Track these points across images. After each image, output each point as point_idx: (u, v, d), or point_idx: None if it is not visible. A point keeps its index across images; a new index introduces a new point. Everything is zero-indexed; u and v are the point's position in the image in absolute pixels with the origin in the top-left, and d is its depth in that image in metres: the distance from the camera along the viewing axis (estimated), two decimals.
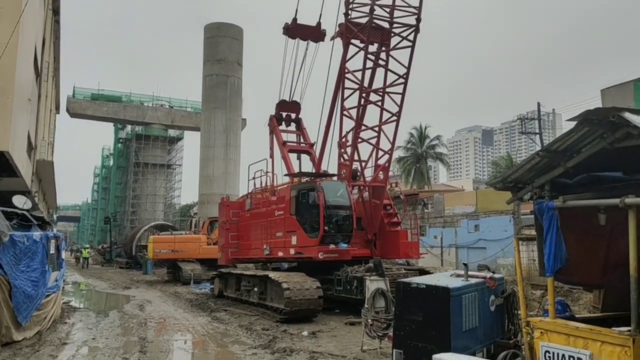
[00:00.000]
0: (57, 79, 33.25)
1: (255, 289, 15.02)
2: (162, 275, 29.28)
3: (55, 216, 70.74)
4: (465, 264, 7.62)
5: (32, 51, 16.07)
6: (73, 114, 55.49)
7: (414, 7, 14.47)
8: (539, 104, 37.19)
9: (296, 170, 17.55)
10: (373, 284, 9.69)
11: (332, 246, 13.82)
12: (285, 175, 17.27)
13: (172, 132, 60.91)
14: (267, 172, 16.80)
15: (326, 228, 13.88)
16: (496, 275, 7.61)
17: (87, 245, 48.40)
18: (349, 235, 14.34)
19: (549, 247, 5.74)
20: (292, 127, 19.33)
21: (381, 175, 15.60)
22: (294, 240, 14.63)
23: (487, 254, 23.13)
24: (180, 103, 60.70)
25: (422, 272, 13.86)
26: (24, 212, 11.10)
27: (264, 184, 17.11)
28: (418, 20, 14.49)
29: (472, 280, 7.04)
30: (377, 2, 14.38)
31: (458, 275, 7.29)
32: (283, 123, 19.09)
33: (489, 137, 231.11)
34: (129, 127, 62.95)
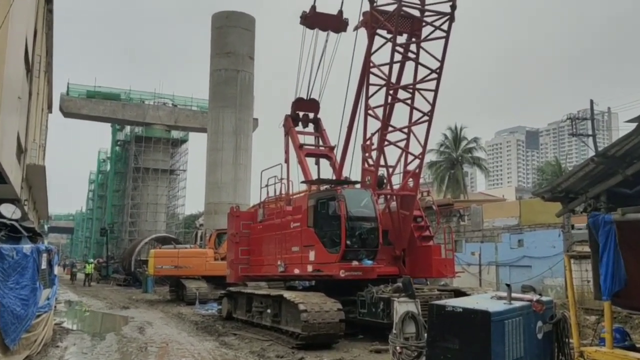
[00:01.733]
0: (50, 75, 33.88)
1: (269, 311, 15.04)
2: (164, 294, 29.51)
3: (46, 227, 71.98)
4: (507, 285, 7.53)
5: (23, 43, 16.39)
6: (67, 114, 56.45)
7: None
8: (592, 102, 36.71)
9: (314, 176, 17.56)
10: (402, 306, 9.63)
11: (355, 263, 13.78)
12: (302, 182, 17.32)
13: (175, 134, 61.56)
14: (281, 178, 16.86)
15: (348, 242, 13.85)
16: (544, 298, 7.51)
17: (92, 260, 48.83)
18: (374, 251, 14.29)
19: (606, 266, 5.65)
20: (310, 128, 19.41)
21: (411, 183, 15.54)
22: (312, 255, 14.63)
23: (532, 273, 22.84)
24: (185, 101, 61.37)
25: (458, 293, 13.73)
26: (13, 223, 11.29)
27: (278, 192, 17.17)
28: (453, 7, 14.46)
29: (516, 304, 6.96)
30: None
31: (500, 298, 7.21)
32: (300, 123, 19.16)
33: (534, 139, 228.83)
34: (127, 128, 63.82)
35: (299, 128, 19.06)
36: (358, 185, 15.60)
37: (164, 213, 61.34)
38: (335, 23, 18.64)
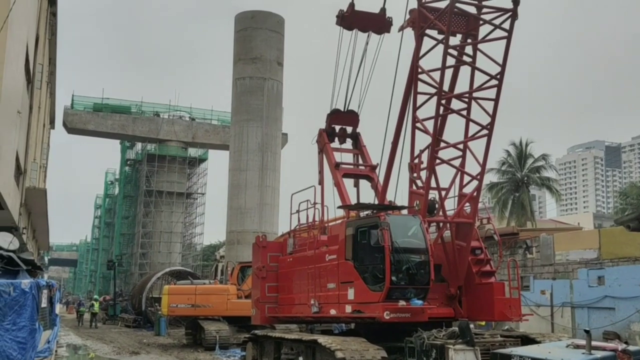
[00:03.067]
0: (53, 86, 34.94)
1: (300, 359, 14.97)
2: (180, 337, 29.70)
3: (47, 259, 73.62)
4: (586, 331, 7.36)
5: (23, 51, 16.95)
6: (71, 129, 57.97)
7: None
8: None
9: (353, 200, 17.54)
10: (458, 355, 9.50)
11: (402, 303, 13.66)
12: (339, 207, 17.30)
13: (193, 152, 62.55)
14: (315, 203, 16.87)
15: (394, 278, 13.75)
16: (631, 348, 7.33)
17: (98, 297, 49.55)
18: (424, 289, 14.16)
19: None
20: (348, 144, 19.42)
21: (468, 208, 15.39)
22: (350, 294, 14.54)
23: (616, 316, 22.22)
24: (204, 114, 62.41)
25: (526, 340, 13.44)
26: (10, 254, 11.53)
27: (311, 219, 17.17)
28: (516, 2, 14.41)
29: (598, 354, 6.80)
30: None
31: (577, 347, 7.06)
32: (336, 139, 19.19)
33: (615, 156, 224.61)
34: (139, 145, 65.14)
35: (336, 144, 19.09)
36: (405, 211, 15.50)
37: (180, 243, 62.11)
38: (376, 23, 18.74)
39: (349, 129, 19.40)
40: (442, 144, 15.23)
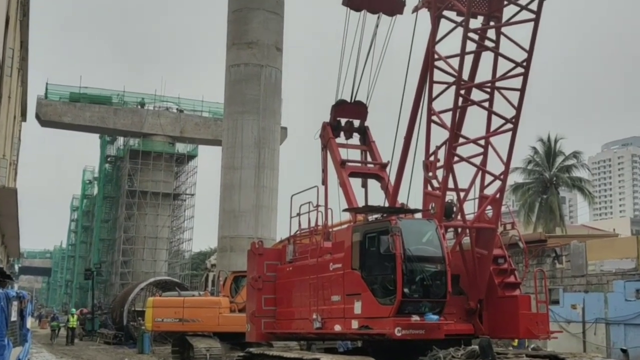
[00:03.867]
0: (25, 73, 34.99)
1: None
2: (165, 356, 29.69)
3: (17, 267, 73.66)
4: (623, 350, 7.35)
5: None
6: (45, 122, 58.03)
7: None
8: None
9: (361, 203, 17.53)
10: None
11: (415, 318, 13.63)
12: (345, 210, 17.26)
13: (181, 147, 62.53)
14: (317, 205, 16.84)
15: (406, 290, 13.72)
16: None
17: (74, 310, 49.58)
18: (440, 302, 14.13)
19: None
20: (355, 139, 19.41)
21: (490, 212, 15.37)
22: (357, 307, 14.52)
23: None
24: (194, 105, 62.41)
25: (555, 359, 13.44)
26: None
27: (313, 224, 17.15)
28: None
29: None
30: None
31: None
32: (342, 134, 19.19)
33: None
34: (121, 140, 65.17)
35: (341, 140, 19.08)
36: (419, 215, 15.49)
37: (166, 250, 62.12)
38: (388, 3, 18.70)
39: (357, 123, 19.37)
40: (461, 140, 15.21)
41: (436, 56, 15.20)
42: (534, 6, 14.45)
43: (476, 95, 15.24)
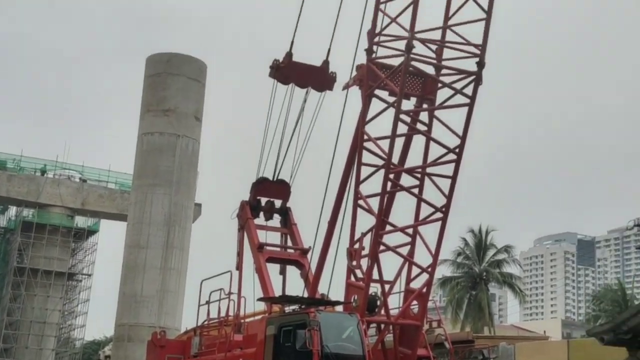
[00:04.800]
0: None
1: None
2: None
3: None
4: None
5: None
6: None
7: (475, 45, 14.90)
8: None
9: (278, 292, 17.35)
10: None
11: None
12: (260, 299, 17.10)
13: (81, 221, 61.10)
14: (230, 293, 16.62)
15: None
16: None
17: None
18: None
19: None
20: (276, 221, 19.38)
21: (415, 308, 15.41)
22: None
23: None
24: (100, 175, 61.37)
25: None
26: None
27: (223, 313, 16.87)
28: (481, 65, 14.86)
29: None
30: (419, 35, 14.82)
31: None
32: (261, 214, 19.13)
33: (589, 252, 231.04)
34: (12, 210, 63.23)
35: (261, 220, 19.02)
36: (340, 308, 15.38)
37: (55, 337, 59.64)
38: (317, 78, 19.05)
39: (278, 203, 19.38)
40: (388, 227, 15.32)
41: (365, 137, 15.35)
42: (468, 90, 14.89)
43: (406, 180, 15.44)
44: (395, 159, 15.21)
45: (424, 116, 15.48)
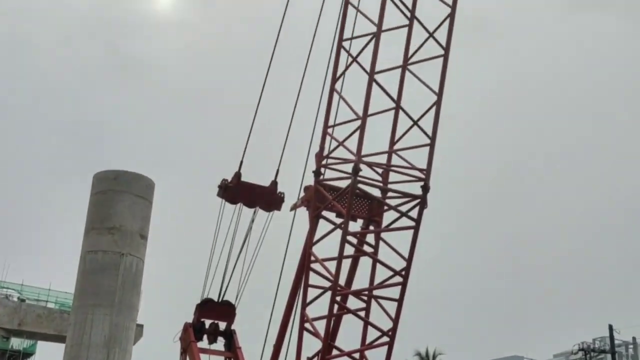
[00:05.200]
0: None
1: None
2: None
3: None
4: None
5: None
6: None
7: (420, 170, 15.15)
8: (611, 328, 37.94)
9: None
10: None
11: None
12: None
13: (17, 343, 59.14)
14: None
15: None
16: None
17: None
18: None
19: None
20: (220, 344, 19.01)
21: None
22: None
23: None
24: (39, 294, 59.86)
25: None
26: None
27: None
28: (425, 189, 15.02)
29: None
30: (365, 158, 15.06)
31: None
32: (205, 337, 18.76)
33: None
34: None
35: (204, 344, 18.63)
36: None
37: None
38: (266, 198, 19.12)
39: (223, 325, 19.06)
40: (335, 352, 15.07)
41: (312, 258, 15.29)
42: (414, 214, 15.02)
43: (353, 303, 15.34)
44: (342, 281, 15.13)
45: (370, 238, 15.54)
